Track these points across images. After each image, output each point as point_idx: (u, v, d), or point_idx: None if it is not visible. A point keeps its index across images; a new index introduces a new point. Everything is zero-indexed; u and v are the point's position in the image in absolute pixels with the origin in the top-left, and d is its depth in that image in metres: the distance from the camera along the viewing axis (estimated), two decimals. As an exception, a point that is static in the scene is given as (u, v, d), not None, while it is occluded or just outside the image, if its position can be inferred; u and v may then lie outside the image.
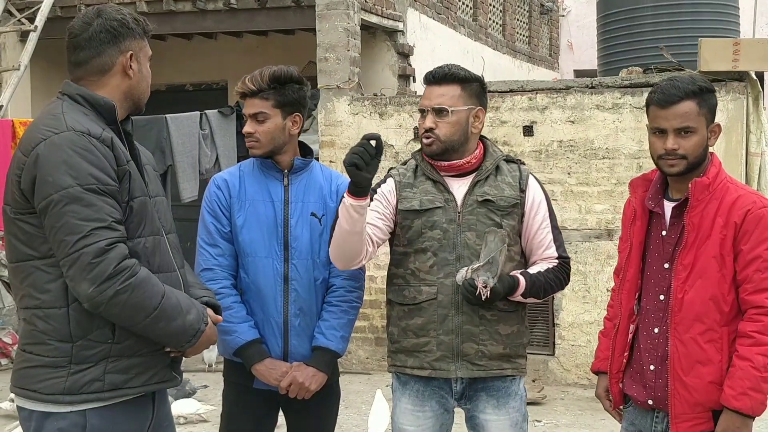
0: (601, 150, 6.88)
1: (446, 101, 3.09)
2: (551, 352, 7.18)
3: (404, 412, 3.17)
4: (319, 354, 3.25)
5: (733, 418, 2.72)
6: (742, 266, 2.75)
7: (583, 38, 14.24)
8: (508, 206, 3.11)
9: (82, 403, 2.47)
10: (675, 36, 8.92)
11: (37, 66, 8.52)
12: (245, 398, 3.31)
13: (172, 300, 2.50)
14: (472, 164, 3.15)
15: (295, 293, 3.23)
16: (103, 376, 2.48)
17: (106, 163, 2.43)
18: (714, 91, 2.87)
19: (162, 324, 2.48)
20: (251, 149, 3.27)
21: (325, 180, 3.35)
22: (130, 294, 2.40)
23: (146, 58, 2.69)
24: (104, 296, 2.37)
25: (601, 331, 3.19)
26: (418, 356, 3.10)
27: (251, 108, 3.24)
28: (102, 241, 2.37)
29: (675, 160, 2.80)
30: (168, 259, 2.64)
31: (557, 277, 3.17)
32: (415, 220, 3.10)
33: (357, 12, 7.61)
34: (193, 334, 2.56)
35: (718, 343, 2.78)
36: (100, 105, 2.55)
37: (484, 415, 3.13)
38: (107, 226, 2.39)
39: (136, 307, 2.42)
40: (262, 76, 3.23)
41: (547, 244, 3.17)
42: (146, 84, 2.70)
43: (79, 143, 2.42)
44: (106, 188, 2.42)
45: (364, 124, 7.43)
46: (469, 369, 3.08)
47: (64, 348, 2.47)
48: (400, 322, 3.14)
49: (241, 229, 3.24)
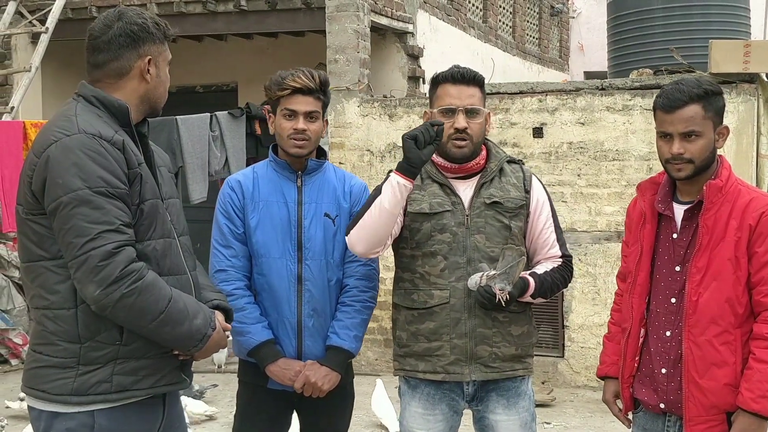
0: (611, 152, 6.87)
1: (477, 102, 3.08)
2: (561, 354, 7.17)
3: (414, 415, 3.16)
4: (333, 353, 3.25)
5: (750, 421, 2.72)
6: (756, 268, 2.75)
7: (594, 40, 14.21)
8: (516, 207, 3.11)
9: (90, 404, 2.48)
10: (685, 37, 8.89)
11: (48, 67, 8.55)
12: (259, 398, 3.32)
13: (179, 304, 2.50)
14: (480, 165, 3.14)
15: (309, 294, 3.24)
16: (111, 378, 2.49)
17: (116, 166, 2.44)
18: (721, 93, 2.85)
19: (168, 328, 2.48)
20: (300, 148, 3.22)
21: (338, 181, 3.35)
22: (136, 297, 2.40)
23: (165, 63, 2.69)
24: (110, 299, 2.38)
25: (606, 336, 3.19)
26: (431, 360, 3.09)
27: (306, 106, 3.21)
28: (109, 244, 2.37)
29: (682, 164, 2.79)
30: (179, 262, 2.64)
31: (562, 275, 3.18)
32: (424, 223, 3.09)
33: (367, 14, 7.61)
34: (200, 338, 2.56)
35: (733, 345, 2.77)
36: (114, 107, 2.56)
37: (495, 415, 3.13)
38: (115, 229, 2.40)
39: (143, 311, 2.43)
40: (314, 76, 3.22)
41: (551, 243, 3.18)
42: (164, 88, 2.70)
43: (89, 146, 2.42)
44: (116, 191, 2.42)
45: (374, 126, 7.43)
46: (483, 372, 3.08)
47: (73, 349, 2.48)
48: (409, 326, 3.12)
49: (255, 230, 3.24)
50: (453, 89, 3.08)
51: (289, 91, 3.20)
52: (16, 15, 8.31)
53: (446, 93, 3.08)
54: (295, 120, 3.21)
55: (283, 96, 3.22)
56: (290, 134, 3.22)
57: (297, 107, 3.20)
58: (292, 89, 3.20)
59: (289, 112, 3.22)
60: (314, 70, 3.26)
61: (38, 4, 8.44)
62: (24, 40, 8.76)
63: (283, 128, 3.24)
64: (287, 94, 3.21)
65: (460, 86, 3.07)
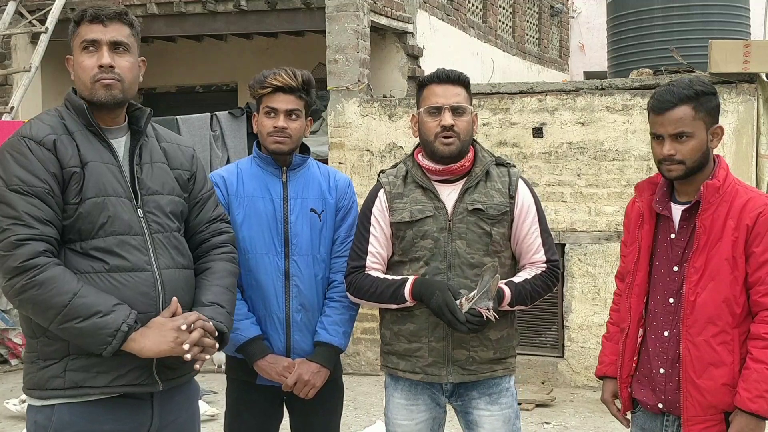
0: (611, 152, 6.87)
1: (462, 101, 3.11)
2: (561, 354, 7.17)
3: (397, 406, 3.21)
4: (322, 349, 3.27)
5: (747, 420, 2.72)
6: (754, 268, 2.76)
7: (593, 40, 14.23)
8: (498, 214, 3.12)
9: (48, 398, 2.55)
10: (685, 37, 8.90)
11: (47, 67, 8.55)
12: (249, 395, 3.33)
13: (85, 299, 2.46)
14: (465, 167, 3.15)
15: (297, 289, 3.26)
16: (63, 373, 2.53)
17: (37, 166, 2.51)
18: (714, 93, 2.85)
19: (72, 323, 2.45)
20: (280, 144, 3.25)
21: (323, 176, 3.38)
22: (36, 290, 2.44)
23: (78, 48, 2.67)
24: (14, 290, 2.47)
25: (605, 336, 3.19)
26: (410, 360, 3.14)
27: (287, 104, 3.24)
28: (14, 236, 2.45)
29: (673, 165, 2.81)
30: (138, 259, 2.59)
31: (544, 282, 3.18)
32: (407, 231, 3.12)
33: (366, 14, 7.61)
34: (110, 334, 2.45)
35: (730, 345, 2.78)
36: (75, 106, 2.64)
37: (478, 410, 3.16)
38: (23, 223, 2.46)
39: (45, 304, 2.45)
40: (296, 75, 3.24)
41: (535, 248, 3.18)
42: (83, 72, 2.66)
43: (15, 147, 2.54)
44: (31, 189, 2.49)
45: (374, 126, 7.43)
46: (460, 374, 3.12)
47: (33, 344, 2.59)
48: (393, 326, 3.18)
49: (241, 225, 3.25)
50: (438, 89, 3.11)
51: (270, 89, 3.24)
52: (15, 15, 8.31)
53: (432, 93, 3.12)
54: (276, 118, 3.24)
55: (265, 94, 3.25)
56: (270, 132, 3.25)
57: (278, 105, 3.23)
58: (274, 87, 3.23)
59: (270, 109, 3.25)
60: (297, 70, 3.27)
61: (38, 4, 8.45)
62: (24, 40, 8.76)
63: (264, 125, 3.27)
64: (269, 92, 3.24)
65: (445, 86, 3.11)
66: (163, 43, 9.24)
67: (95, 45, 2.61)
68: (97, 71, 2.59)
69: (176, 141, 2.91)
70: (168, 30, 8.48)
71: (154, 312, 2.58)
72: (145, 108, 2.75)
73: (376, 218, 3.17)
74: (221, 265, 2.83)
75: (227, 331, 2.73)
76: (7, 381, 7.37)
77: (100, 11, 2.62)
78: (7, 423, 6.01)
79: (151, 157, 2.74)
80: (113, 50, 2.61)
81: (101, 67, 2.59)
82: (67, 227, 2.53)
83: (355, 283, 3.17)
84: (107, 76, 2.60)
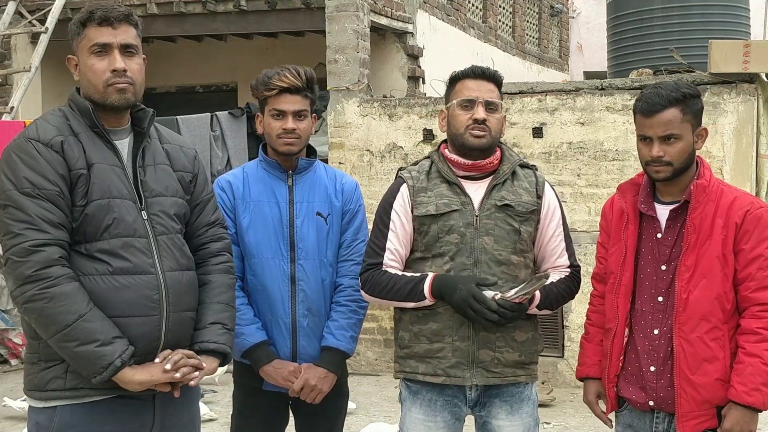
0: (611, 152, 6.88)
1: (495, 97, 3.08)
2: (561, 354, 7.17)
3: (415, 422, 3.10)
4: (329, 354, 3.24)
5: (743, 413, 2.76)
6: (743, 265, 2.80)
7: (593, 40, 14.21)
8: (527, 212, 3.07)
9: (48, 399, 2.53)
10: (685, 37, 8.89)
11: (47, 67, 8.55)
12: (255, 400, 3.32)
13: (90, 324, 2.43)
14: (493, 165, 3.10)
15: (303, 293, 3.23)
16: (64, 375, 2.51)
17: (47, 168, 2.48)
18: (699, 95, 2.89)
19: (70, 344, 2.42)
20: (290, 146, 3.21)
21: (329, 179, 3.34)
22: (45, 303, 2.41)
23: (85, 51, 2.63)
24: (23, 297, 2.43)
25: (584, 337, 3.18)
26: (431, 362, 3.03)
27: (295, 105, 3.20)
28: (27, 242, 2.42)
29: (661, 166, 2.85)
30: (142, 261, 2.57)
31: (568, 287, 3.15)
32: (432, 225, 3.03)
33: (366, 14, 7.62)
34: (103, 365, 2.43)
35: (722, 341, 2.82)
36: (80, 108, 2.61)
37: (497, 421, 3.07)
38: (36, 227, 2.43)
39: (49, 319, 2.42)
40: (300, 74, 3.20)
41: (559, 252, 3.14)
42: (92, 75, 2.62)
43: (22, 148, 2.50)
44: (41, 192, 2.46)
45: (374, 126, 7.43)
46: (485, 376, 3.01)
47: (35, 345, 2.56)
48: (413, 326, 3.06)
49: (247, 230, 3.23)
50: (473, 83, 3.06)
51: (276, 91, 3.19)
52: (15, 15, 8.31)
53: (465, 87, 3.06)
54: (284, 120, 3.20)
55: (271, 96, 3.21)
56: (280, 134, 3.21)
57: (285, 107, 3.19)
58: (279, 89, 3.19)
59: (278, 112, 3.20)
60: (300, 68, 3.23)
61: (38, 4, 8.45)
62: (24, 40, 8.77)
63: (272, 128, 3.22)
64: (274, 94, 3.20)
65: (480, 81, 3.07)
66: (163, 43, 9.24)
67: (106, 48, 2.57)
68: (110, 75, 2.56)
69: (178, 142, 2.88)
70: (168, 30, 8.49)
71: (158, 315, 2.56)
72: (148, 109, 2.72)
73: (397, 213, 3.06)
74: (219, 279, 2.79)
75: (229, 352, 2.73)
76: (7, 381, 7.37)
77: (109, 13, 2.57)
78: (7, 423, 6.01)
79: (154, 158, 2.72)
80: (123, 53, 2.58)
81: (114, 71, 2.56)
82: (73, 229, 2.51)
83: (372, 280, 3.06)
84: (121, 80, 2.57)
